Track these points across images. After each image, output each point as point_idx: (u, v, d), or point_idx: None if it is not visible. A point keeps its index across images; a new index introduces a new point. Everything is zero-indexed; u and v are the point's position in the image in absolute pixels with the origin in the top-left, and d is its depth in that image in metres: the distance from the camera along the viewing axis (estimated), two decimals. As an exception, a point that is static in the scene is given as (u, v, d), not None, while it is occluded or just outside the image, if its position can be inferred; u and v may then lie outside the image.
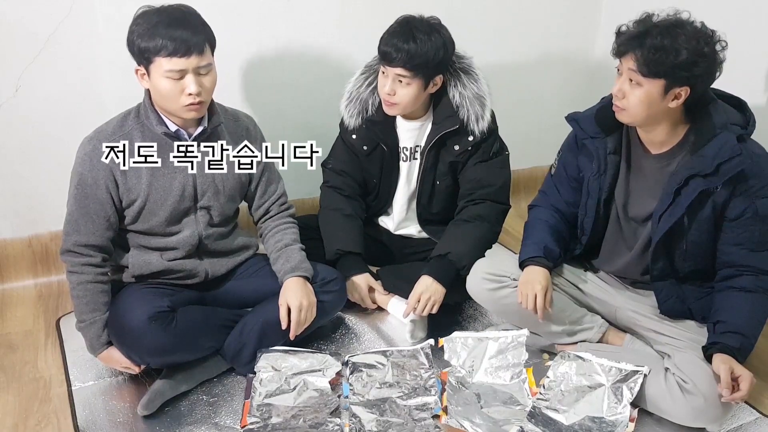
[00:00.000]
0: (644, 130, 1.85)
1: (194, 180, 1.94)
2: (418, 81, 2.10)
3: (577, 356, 1.93)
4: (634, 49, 1.71)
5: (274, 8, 2.52)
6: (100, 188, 1.86)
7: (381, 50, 2.10)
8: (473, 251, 2.17)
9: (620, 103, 1.78)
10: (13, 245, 2.47)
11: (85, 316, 1.89)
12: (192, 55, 1.75)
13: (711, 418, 1.79)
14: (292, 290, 1.95)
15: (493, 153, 2.26)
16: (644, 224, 1.94)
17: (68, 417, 1.88)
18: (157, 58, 1.74)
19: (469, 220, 2.25)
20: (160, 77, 1.76)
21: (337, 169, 2.38)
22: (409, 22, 2.10)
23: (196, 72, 1.78)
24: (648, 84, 1.72)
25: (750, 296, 1.81)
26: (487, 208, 2.26)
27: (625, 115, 1.80)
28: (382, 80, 2.15)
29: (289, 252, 2.03)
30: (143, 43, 1.75)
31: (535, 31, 3.01)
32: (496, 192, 2.28)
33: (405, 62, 2.05)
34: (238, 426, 1.84)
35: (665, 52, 1.67)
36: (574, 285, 2.12)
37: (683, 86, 1.72)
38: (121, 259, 1.96)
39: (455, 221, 2.29)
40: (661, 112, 1.77)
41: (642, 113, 1.76)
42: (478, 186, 2.26)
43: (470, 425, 1.82)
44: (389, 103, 2.15)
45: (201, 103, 1.81)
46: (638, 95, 1.74)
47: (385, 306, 2.34)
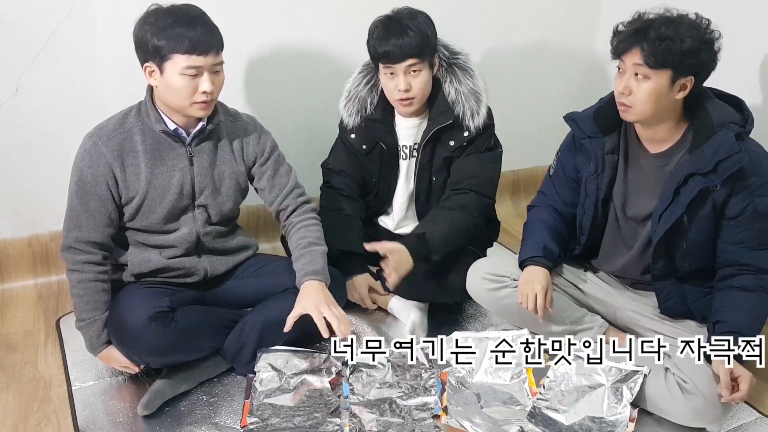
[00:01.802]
0: (647, 128, 1.85)
1: (192, 178, 1.94)
2: (426, 65, 2.12)
3: (577, 356, 1.93)
4: (639, 43, 1.71)
5: (274, 8, 2.52)
6: (100, 185, 1.86)
7: (382, 52, 2.09)
8: (448, 237, 2.19)
9: (626, 101, 1.77)
10: (13, 245, 2.47)
11: (84, 315, 1.89)
12: (210, 53, 1.78)
13: (711, 418, 1.79)
14: (310, 298, 1.88)
15: (486, 148, 2.26)
16: (643, 224, 1.94)
17: (68, 417, 1.88)
18: (175, 55, 1.76)
19: (452, 208, 2.24)
20: (175, 74, 1.78)
21: (336, 169, 2.38)
22: (391, 19, 2.11)
23: (211, 70, 1.80)
24: (655, 76, 1.72)
25: (750, 295, 1.81)
26: (471, 199, 2.25)
27: (631, 112, 1.79)
28: (391, 82, 2.13)
29: (314, 253, 1.98)
30: (159, 40, 1.76)
31: (535, 30, 3.01)
32: (483, 184, 2.26)
33: (413, 51, 2.06)
34: (238, 426, 1.84)
35: (671, 41, 1.68)
36: (574, 285, 2.12)
37: (688, 75, 1.73)
38: (121, 257, 1.97)
39: (439, 206, 2.28)
40: (667, 106, 1.77)
41: (650, 108, 1.76)
42: (465, 176, 2.25)
43: (470, 425, 1.82)
44: (406, 99, 2.14)
45: (211, 101, 1.84)
46: (646, 89, 1.73)
47: (385, 306, 2.34)
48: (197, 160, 1.94)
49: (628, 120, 1.84)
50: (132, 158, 1.88)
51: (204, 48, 1.77)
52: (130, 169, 1.88)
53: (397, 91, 2.13)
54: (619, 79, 1.79)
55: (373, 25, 2.14)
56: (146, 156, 1.88)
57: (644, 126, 1.85)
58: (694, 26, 1.72)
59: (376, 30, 2.11)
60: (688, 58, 1.70)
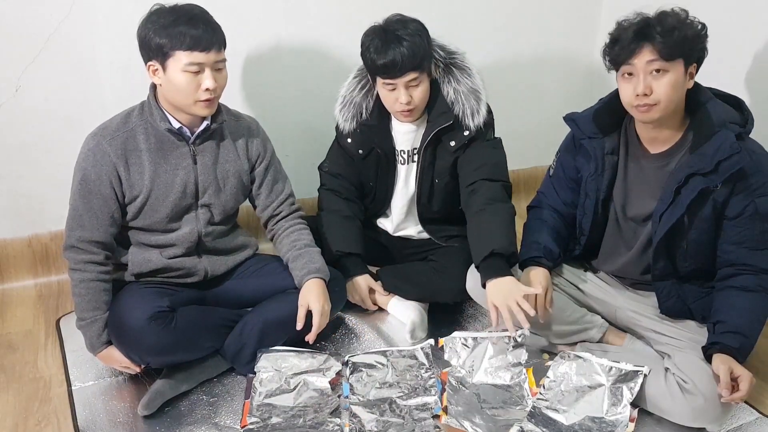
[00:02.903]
0: (656, 127, 1.83)
1: (196, 177, 1.94)
2: (425, 75, 2.10)
3: (577, 356, 1.93)
4: (650, 39, 1.71)
5: (274, 8, 2.52)
6: (104, 184, 1.87)
7: (380, 66, 2.04)
8: (507, 234, 2.08)
9: (649, 101, 1.75)
10: (13, 245, 2.47)
11: (85, 314, 1.89)
12: (212, 50, 1.80)
13: (711, 418, 1.79)
14: (315, 293, 1.95)
15: (486, 139, 2.23)
16: (644, 224, 1.94)
17: (68, 417, 1.88)
18: (178, 52, 1.77)
19: (484, 208, 2.16)
20: (177, 71, 1.79)
21: (333, 172, 2.37)
22: (385, 31, 2.05)
23: (214, 68, 1.81)
24: (672, 67, 1.73)
25: (750, 295, 1.81)
26: (491, 189, 2.18)
27: (656, 110, 1.76)
28: (391, 95, 2.11)
29: (312, 253, 2.04)
30: (161, 38, 1.77)
31: (535, 31, 3.01)
32: (491, 170, 2.20)
33: (411, 65, 2.04)
34: (238, 426, 1.84)
35: (680, 30, 1.71)
36: (574, 285, 2.12)
37: (694, 62, 1.76)
38: (122, 257, 1.97)
39: (472, 214, 2.18)
40: (683, 97, 1.79)
41: (674, 100, 1.76)
42: (475, 167, 2.20)
43: (470, 425, 1.82)
44: (407, 111, 2.13)
45: (214, 99, 1.85)
46: (666, 82, 1.73)
47: (385, 306, 2.34)
48: (201, 159, 1.94)
49: (652, 120, 1.79)
50: (135, 157, 1.88)
51: (206, 44, 1.78)
52: (134, 168, 1.88)
53: (398, 103, 2.11)
54: (631, 83, 1.76)
55: (366, 37, 2.09)
56: (150, 155, 1.89)
57: (655, 126, 1.83)
58: (683, 16, 1.75)
59: (372, 43, 2.06)
60: (696, 44, 1.74)
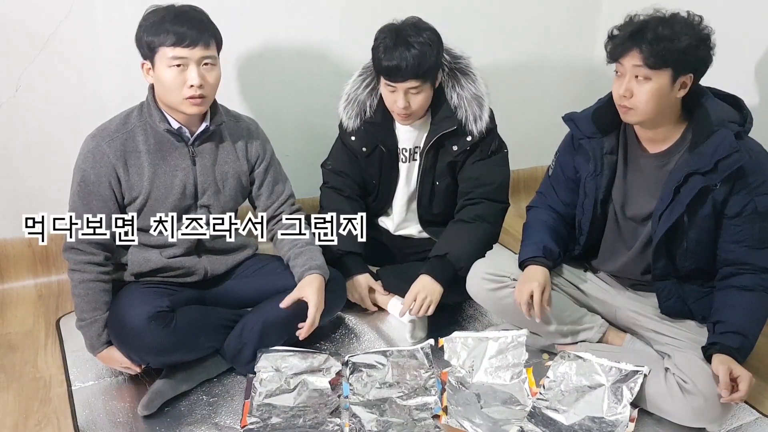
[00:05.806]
0: (647, 128, 1.84)
1: (195, 178, 1.94)
2: (428, 85, 2.10)
3: (577, 356, 1.93)
4: (638, 45, 1.71)
5: (274, 8, 2.53)
6: (103, 185, 1.87)
7: (384, 67, 2.05)
8: (472, 252, 2.17)
9: (628, 103, 1.77)
10: (13, 245, 2.47)
11: (85, 314, 1.89)
12: (197, 46, 1.79)
13: (711, 418, 1.79)
14: (314, 287, 1.96)
15: (491, 151, 2.25)
16: (643, 224, 1.94)
17: (68, 417, 1.88)
18: (162, 48, 1.78)
19: (469, 221, 2.24)
20: (164, 68, 1.80)
21: (336, 170, 2.38)
22: (399, 33, 2.05)
23: (200, 63, 1.81)
24: (656, 76, 1.72)
25: (750, 295, 1.81)
26: (486, 208, 2.26)
27: (633, 114, 1.79)
28: (391, 96, 2.12)
29: (313, 251, 2.06)
30: (150, 36, 1.79)
31: (535, 31, 3.01)
32: (495, 191, 2.27)
33: (414, 74, 2.04)
34: (238, 426, 1.84)
35: (669, 41, 1.69)
36: (574, 285, 2.12)
37: (688, 73, 1.74)
38: (121, 257, 1.97)
39: (455, 221, 2.28)
40: (668, 105, 1.78)
41: (652, 109, 1.76)
42: (476, 185, 2.26)
43: (470, 425, 1.82)
44: (404, 115, 2.13)
45: (203, 97, 1.83)
46: (647, 90, 1.73)
47: (385, 306, 2.34)
48: (200, 160, 1.94)
49: (630, 122, 1.84)
50: (135, 158, 1.88)
51: (190, 40, 1.78)
52: (133, 169, 1.88)
53: (396, 105, 2.12)
54: (618, 82, 1.79)
55: (380, 34, 2.09)
56: (149, 156, 1.89)
57: (645, 127, 1.85)
58: (688, 23, 1.72)
59: (383, 42, 2.06)
60: (687, 56, 1.71)
